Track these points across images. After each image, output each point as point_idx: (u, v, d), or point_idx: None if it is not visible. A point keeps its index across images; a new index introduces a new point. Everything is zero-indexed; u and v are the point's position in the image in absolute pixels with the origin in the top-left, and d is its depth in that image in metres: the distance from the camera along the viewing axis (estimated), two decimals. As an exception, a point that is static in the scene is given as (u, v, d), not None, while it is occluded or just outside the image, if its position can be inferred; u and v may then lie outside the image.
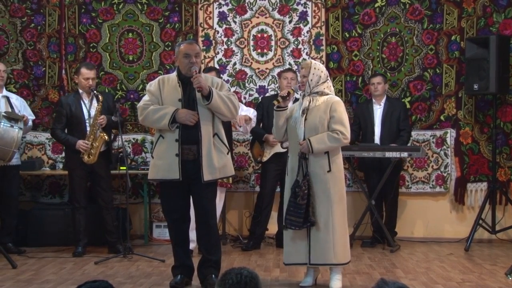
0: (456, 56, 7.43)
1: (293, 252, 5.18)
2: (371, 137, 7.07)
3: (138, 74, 7.71)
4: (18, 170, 6.95)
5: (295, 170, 5.14)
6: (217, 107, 4.98)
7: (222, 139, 5.12)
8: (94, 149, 6.49)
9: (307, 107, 5.12)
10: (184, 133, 5.02)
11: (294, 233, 5.13)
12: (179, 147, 5.02)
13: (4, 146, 6.25)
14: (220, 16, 7.70)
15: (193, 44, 5.27)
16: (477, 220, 7.01)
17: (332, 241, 5.07)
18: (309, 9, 7.65)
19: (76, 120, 6.61)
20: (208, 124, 5.04)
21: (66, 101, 6.70)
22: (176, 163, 5.01)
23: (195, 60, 5.04)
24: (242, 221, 7.66)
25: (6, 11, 7.63)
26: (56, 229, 7.08)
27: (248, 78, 7.70)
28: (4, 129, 6.26)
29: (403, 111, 7.18)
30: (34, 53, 7.64)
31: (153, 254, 6.54)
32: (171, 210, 5.26)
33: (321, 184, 5.08)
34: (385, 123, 7.09)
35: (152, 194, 7.64)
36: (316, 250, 5.08)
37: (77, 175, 6.66)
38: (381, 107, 7.15)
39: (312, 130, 5.09)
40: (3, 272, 5.87)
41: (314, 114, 5.11)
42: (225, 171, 5.15)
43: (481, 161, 7.42)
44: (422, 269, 5.97)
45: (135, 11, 7.69)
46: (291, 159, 5.25)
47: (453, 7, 7.42)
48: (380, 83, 7.12)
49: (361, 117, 7.24)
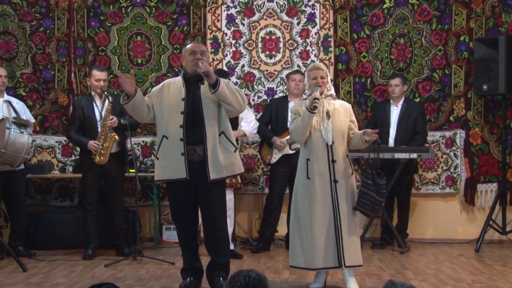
0: (465, 56, 7.41)
1: (322, 256, 5.03)
2: (386, 138, 7.00)
3: (147, 77, 7.73)
4: (24, 174, 6.98)
5: (323, 174, 5.04)
6: (224, 95, 4.90)
7: (229, 137, 5.05)
8: (104, 149, 6.51)
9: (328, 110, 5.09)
10: (188, 132, 4.99)
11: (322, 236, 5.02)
12: (185, 147, 4.99)
13: (15, 153, 6.29)
14: (228, 19, 7.71)
15: (199, 43, 5.30)
16: (487, 221, 6.99)
17: (359, 242, 5.17)
18: (317, 11, 7.65)
19: (89, 122, 6.65)
20: (213, 123, 5.00)
21: (79, 104, 6.75)
22: (183, 162, 4.98)
23: (201, 57, 5.02)
24: (251, 223, 7.66)
25: (16, 15, 7.66)
26: (66, 232, 7.11)
27: (256, 80, 7.71)
28: (15, 136, 6.30)
29: (420, 114, 7.14)
30: (43, 57, 7.68)
31: (163, 257, 6.55)
32: (178, 212, 5.25)
33: (349, 187, 5.11)
34: (400, 125, 7.05)
35: (162, 197, 7.66)
36: (349, 252, 5.04)
37: (89, 177, 6.69)
38: (398, 109, 7.11)
39: (339, 133, 5.08)
40: (14, 275, 5.90)
41: (337, 118, 5.10)
42: (233, 169, 5.07)
43: (491, 161, 7.40)
44: (432, 270, 5.95)
45: (144, 14, 7.71)
46: (313, 163, 5.08)
47: (462, 8, 7.40)
48: (398, 85, 7.07)
49: (377, 117, 7.19)
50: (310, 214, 5.06)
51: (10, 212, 6.90)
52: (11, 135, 6.25)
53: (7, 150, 6.24)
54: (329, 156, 5.05)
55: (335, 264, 5.05)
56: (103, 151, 6.51)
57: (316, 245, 5.03)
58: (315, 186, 5.06)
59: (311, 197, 5.07)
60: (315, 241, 5.03)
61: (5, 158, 6.29)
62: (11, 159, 6.30)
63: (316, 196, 5.05)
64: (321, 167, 5.06)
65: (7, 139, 6.25)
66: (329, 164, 5.05)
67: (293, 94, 6.99)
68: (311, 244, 5.04)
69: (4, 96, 6.87)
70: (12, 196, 6.81)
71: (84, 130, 6.69)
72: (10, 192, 6.78)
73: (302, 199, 5.13)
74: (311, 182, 5.08)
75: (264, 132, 7.05)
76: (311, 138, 5.11)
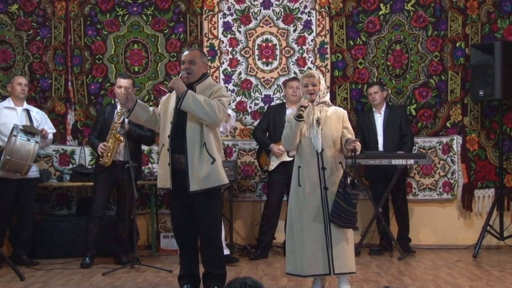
0: (461, 62, 7.43)
1: (311, 263, 5.03)
2: (375, 146, 7.07)
3: (144, 85, 7.74)
4: (36, 183, 6.97)
5: (313, 181, 5.05)
6: (189, 110, 4.97)
7: (209, 149, 5.03)
8: (110, 151, 6.51)
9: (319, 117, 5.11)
10: (173, 142, 5.07)
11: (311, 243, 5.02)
12: (170, 157, 5.08)
13: (20, 160, 6.31)
14: (224, 26, 7.73)
15: (191, 50, 5.36)
16: (485, 227, 7.00)
17: (352, 249, 5.13)
18: (313, 18, 7.68)
19: (106, 127, 6.66)
20: (195, 134, 5.03)
21: (102, 110, 6.89)
22: (169, 172, 5.09)
23: (188, 66, 5.12)
24: (249, 230, 7.65)
25: (12, 24, 7.67)
26: (64, 240, 7.10)
27: (253, 88, 7.72)
28: (20, 143, 6.32)
29: (404, 117, 7.19)
30: (40, 65, 7.69)
31: (161, 265, 6.55)
32: (175, 219, 5.34)
33: None
34: (387, 131, 7.09)
35: (159, 205, 7.66)
36: (339, 259, 5.02)
37: (99, 183, 6.68)
38: (381, 115, 7.16)
39: (329, 141, 5.07)
40: (11, 284, 5.88)
41: (329, 125, 5.09)
42: (212, 181, 5.03)
43: (488, 167, 7.41)
44: (430, 276, 5.95)
45: (140, 22, 7.73)
46: (304, 170, 5.10)
47: (458, 14, 7.43)
48: (377, 92, 7.13)
49: (363, 126, 7.24)
50: (300, 221, 5.07)
51: (17, 220, 6.88)
52: (17, 142, 6.31)
53: (12, 157, 6.27)
54: (319, 163, 5.05)
55: (325, 271, 5.04)
56: (108, 153, 6.50)
57: (305, 251, 5.04)
58: (305, 193, 5.07)
59: (301, 204, 5.08)
60: (305, 248, 5.04)
61: (11, 166, 6.32)
62: (18, 166, 6.33)
63: (306, 204, 5.06)
64: (311, 174, 5.07)
65: (12, 146, 6.28)
66: (319, 171, 5.05)
67: (290, 101, 7.00)
68: (302, 251, 5.05)
69: (24, 105, 6.91)
70: (21, 204, 6.80)
71: (102, 135, 6.70)
72: (19, 200, 6.77)
73: (294, 206, 5.15)
74: (302, 189, 5.09)
75: (261, 139, 7.06)
76: (301, 146, 5.13)
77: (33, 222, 6.95)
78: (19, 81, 6.85)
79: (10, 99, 6.89)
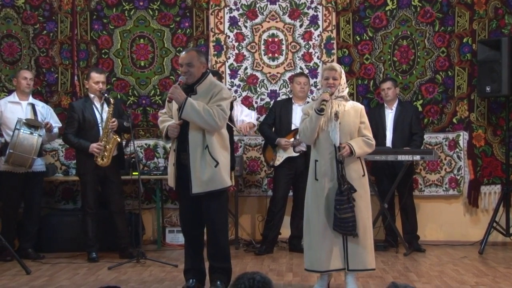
0: (468, 58, 7.40)
1: (326, 258, 5.00)
2: (383, 142, 7.03)
3: (150, 79, 7.74)
4: (42, 177, 6.99)
5: (327, 174, 5.03)
6: (190, 119, 4.98)
7: (212, 152, 4.99)
8: (107, 152, 6.53)
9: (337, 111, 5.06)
10: (179, 141, 5.11)
11: (327, 239, 4.99)
12: (175, 156, 5.11)
13: (23, 153, 6.33)
14: (231, 21, 7.71)
15: (188, 51, 5.23)
16: (491, 223, 6.98)
17: (369, 246, 5.09)
18: (319, 13, 7.66)
19: (89, 125, 6.64)
20: (197, 137, 5.01)
21: (78, 106, 6.73)
22: (173, 172, 5.14)
23: (187, 70, 5.06)
24: (255, 225, 7.66)
25: (19, 18, 7.67)
26: (70, 234, 7.11)
27: (259, 83, 7.71)
28: (23, 136, 6.34)
29: (415, 115, 7.16)
30: (47, 60, 7.69)
31: (166, 259, 6.55)
32: (181, 212, 5.39)
33: (358, 189, 5.01)
34: (397, 128, 7.07)
35: (165, 199, 7.66)
36: (354, 256, 5.00)
37: (88, 180, 6.68)
38: (392, 112, 7.13)
39: (347, 135, 5.04)
40: (17, 278, 5.90)
41: (347, 119, 5.06)
42: (214, 185, 5.01)
43: (494, 163, 7.39)
44: (435, 272, 5.94)
45: (146, 17, 7.72)
46: (321, 163, 5.06)
47: (465, 10, 7.40)
48: (390, 88, 7.10)
49: (372, 121, 7.17)
50: (317, 216, 5.04)
51: (23, 214, 6.90)
52: (20, 136, 6.32)
53: (15, 151, 6.29)
54: (337, 157, 5.02)
55: (343, 266, 5.03)
56: (105, 153, 6.52)
57: (323, 246, 5.00)
58: (322, 187, 5.04)
59: (318, 198, 5.05)
60: (321, 243, 5.01)
61: (15, 159, 6.34)
62: (21, 159, 6.35)
63: (324, 198, 5.02)
64: (329, 168, 5.04)
65: (15, 140, 6.31)
66: (337, 165, 5.02)
67: (297, 97, 7.00)
68: (319, 246, 5.02)
69: (29, 99, 6.91)
70: (27, 198, 6.82)
71: (83, 133, 6.65)
72: (26, 193, 6.79)
73: (311, 201, 5.11)
74: (319, 184, 5.06)
75: (267, 134, 7.06)
76: (318, 139, 5.09)
77: (39, 216, 6.97)
78: (25, 75, 6.86)
79: (15, 94, 6.90)
